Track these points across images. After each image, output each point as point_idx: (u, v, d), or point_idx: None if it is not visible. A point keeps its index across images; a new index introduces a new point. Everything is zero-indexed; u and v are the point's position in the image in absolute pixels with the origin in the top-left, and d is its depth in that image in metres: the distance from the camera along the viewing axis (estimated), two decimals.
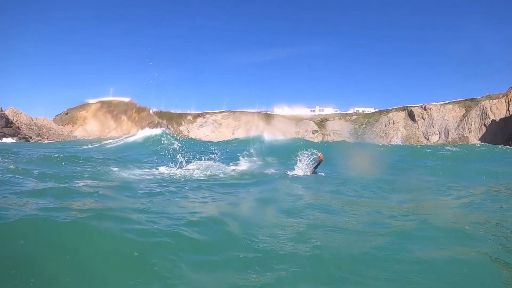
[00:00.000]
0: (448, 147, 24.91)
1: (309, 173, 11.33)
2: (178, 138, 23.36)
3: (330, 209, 5.68)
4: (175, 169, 11.12)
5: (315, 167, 11.41)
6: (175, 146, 20.07)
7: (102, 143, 26.55)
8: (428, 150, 22.01)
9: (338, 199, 6.77)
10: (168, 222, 4.39)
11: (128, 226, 3.92)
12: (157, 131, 24.99)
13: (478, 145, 33.26)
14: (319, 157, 11.29)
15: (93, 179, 7.69)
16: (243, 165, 12.52)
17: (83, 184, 6.71)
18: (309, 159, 11.67)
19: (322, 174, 11.62)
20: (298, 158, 11.78)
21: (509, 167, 14.35)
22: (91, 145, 26.04)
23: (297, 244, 3.81)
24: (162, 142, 20.26)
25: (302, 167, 11.64)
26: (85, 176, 8.20)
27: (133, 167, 11.35)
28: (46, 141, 55.76)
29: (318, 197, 7.02)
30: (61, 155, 13.04)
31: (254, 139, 20.80)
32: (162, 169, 11.13)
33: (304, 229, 4.47)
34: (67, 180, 7.34)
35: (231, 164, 12.41)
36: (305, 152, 11.75)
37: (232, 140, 33.16)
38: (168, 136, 23.14)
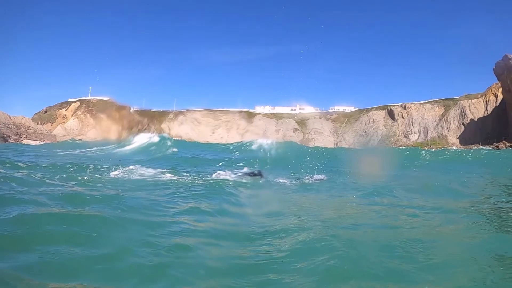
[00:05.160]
0: (423, 153, 25.67)
1: (312, 181, 11.54)
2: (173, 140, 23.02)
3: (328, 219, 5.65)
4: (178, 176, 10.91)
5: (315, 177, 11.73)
6: (174, 150, 19.90)
7: (91, 148, 25.54)
8: (405, 161, 22.41)
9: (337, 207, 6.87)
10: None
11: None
12: (155, 137, 24.32)
13: (448, 150, 34.71)
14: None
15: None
16: (235, 172, 12.13)
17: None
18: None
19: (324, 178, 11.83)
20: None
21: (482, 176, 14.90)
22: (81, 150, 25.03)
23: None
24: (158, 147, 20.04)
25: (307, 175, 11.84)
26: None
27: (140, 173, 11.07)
28: (25, 141, 54.09)
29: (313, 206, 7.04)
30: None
31: (247, 144, 20.68)
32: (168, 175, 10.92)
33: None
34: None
35: (234, 170, 12.07)
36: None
37: (223, 144, 32.54)
38: (170, 141, 22.68)
